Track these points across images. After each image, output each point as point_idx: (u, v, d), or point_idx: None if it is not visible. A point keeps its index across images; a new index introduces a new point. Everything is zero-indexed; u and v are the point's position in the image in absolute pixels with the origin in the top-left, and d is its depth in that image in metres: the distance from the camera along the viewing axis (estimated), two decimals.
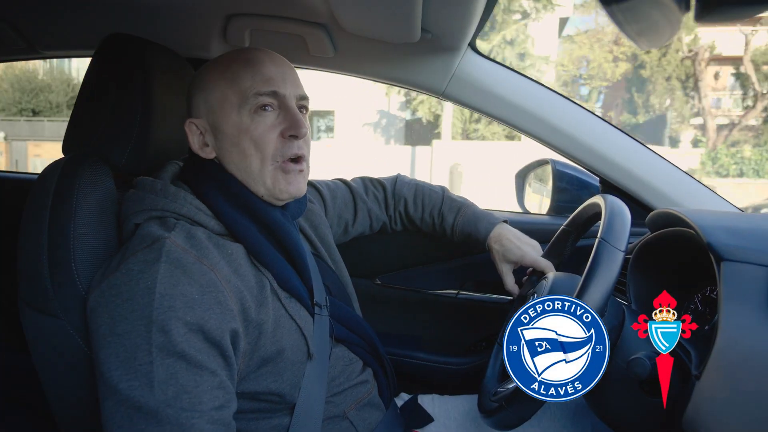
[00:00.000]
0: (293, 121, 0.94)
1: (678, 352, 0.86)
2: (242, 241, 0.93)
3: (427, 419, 1.22)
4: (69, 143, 1.03)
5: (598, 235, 0.88)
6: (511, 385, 0.90)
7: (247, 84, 0.92)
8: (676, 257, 1.08)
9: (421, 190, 1.38)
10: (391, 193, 1.39)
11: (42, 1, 1.31)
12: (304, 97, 0.99)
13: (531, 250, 1.24)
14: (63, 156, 1.02)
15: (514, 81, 1.41)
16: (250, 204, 0.94)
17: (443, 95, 1.44)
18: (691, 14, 0.38)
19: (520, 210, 1.79)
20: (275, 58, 0.97)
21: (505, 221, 1.32)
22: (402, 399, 1.29)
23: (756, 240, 0.91)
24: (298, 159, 0.96)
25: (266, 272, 0.93)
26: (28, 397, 1.66)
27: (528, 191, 1.79)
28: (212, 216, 0.92)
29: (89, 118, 1.01)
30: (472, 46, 1.35)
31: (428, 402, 1.28)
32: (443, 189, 1.39)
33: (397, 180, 1.42)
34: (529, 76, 1.44)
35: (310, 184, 1.29)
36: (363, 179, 1.41)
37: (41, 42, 1.53)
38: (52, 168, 0.97)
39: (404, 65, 1.40)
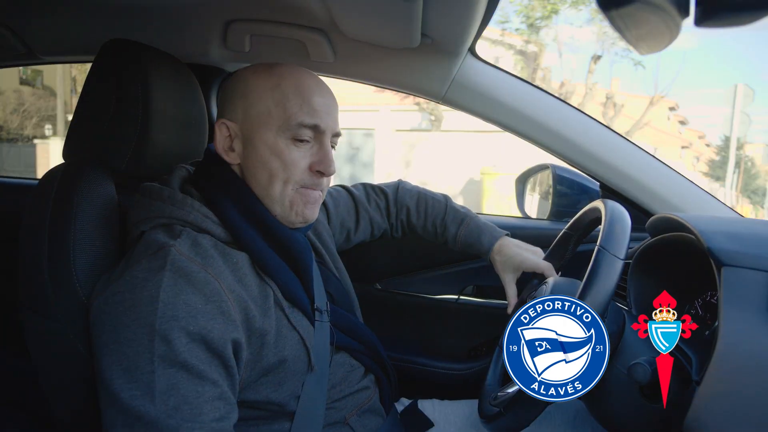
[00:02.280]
0: (324, 159, 0.95)
1: (678, 357, 0.86)
2: (248, 250, 0.92)
3: (428, 424, 1.21)
4: (69, 148, 1.03)
5: (598, 243, 0.87)
6: (511, 390, 0.89)
7: (294, 110, 0.92)
8: (677, 262, 1.07)
9: (423, 198, 1.38)
10: (393, 200, 1.39)
11: (42, 6, 1.31)
12: (338, 134, 1.00)
13: (531, 255, 1.24)
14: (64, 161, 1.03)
15: (515, 86, 1.41)
16: (262, 218, 0.94)
17: (443, 100, 1.44)
18: (690, 19, 0.38)
19: (520, 215, 1.79)
20: (323, 89, 0.97)
21: (507, 234, 1.32)
22: (402, 404, 1.29)
23: (756, 245, 0.90)
24: (316, 189, 0.97)
25: (271, 282, 0.93)
26: (28, 401, 1.65)
27: (528, 196, 1.79)
28: (219, 223, 0.92)
29: (89, 124, 1.01)
30: (472, 51, 1.35)
31: (428, 407, 1.27)
32: (446, 198, 1.39)
33: (399, 187, 1.41)
34: (529, 80, 1.44)
35: None
36: (365, 186, 1.41)
37: (41, 47, 1.53)
38: (53, 173, 0.98)
39: (404, 70, 1.40)
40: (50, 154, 12.82)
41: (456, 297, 1.60)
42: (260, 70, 0.96)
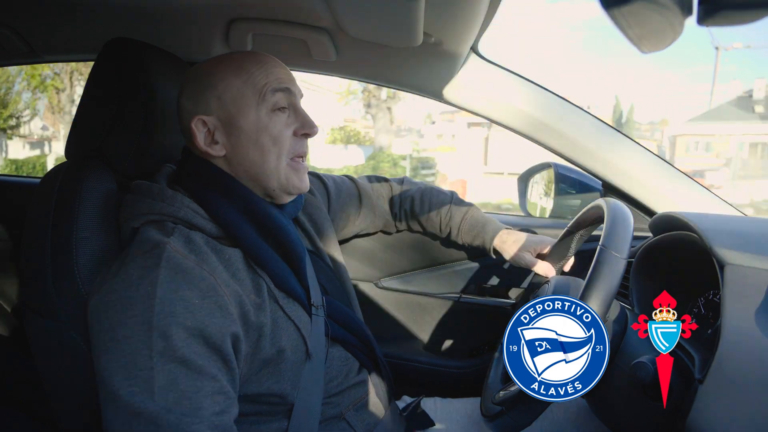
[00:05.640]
0: (306, 121, 0.99)
1: (681, 356, 0.86)
2: (240, 242, 0.93)
3: (429, 422, 1.21)
4: (71, 147, 1.03)
5: (600, 242, 0.87)
6: (513, 388, 0.89)
7: (262, 82, 0.95)
8: (679, 261, 1.07)
9: (429, 190, 1.40)
10: (397, 191, 1.41)
11: (44, 6, 1.31)
12: (301, 97, 1.04)
13: (527, 255, 1.26)
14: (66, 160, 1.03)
15: (517, 85, 1.41)
16: (251, 203, 0.95)
17: (445, 99, 1.44)
18: (694, 17, 0.38)
19: (522, 214, 1.79)
20: (280, 62, 1.01)
21: (509, 229, 1.33)
22: (404, 402, 1.29)
23: (759, 244, 0.90)
24: (303, 156, 1.01)
25: (263, 274, 0.94)
26: (31, 400, 1.66)
27: (530, 195, 1.79)
28: (209, 219, 0.92)
29: (92, 123, 1.02)
30: (475, 49, 1.35)
31: (430, 405, 1.28)
32: (452, 192, 1.41)
33: (404, 180, 1.44)
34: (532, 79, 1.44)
35: (317, 176, 1.32)
36: (369, 177, 1.44)
37: (43, 47, 1.53)
38: (55, 172, 0.98)
39: (406, 69, 1.40)
40: None
41: (458, 295, 1.60)
42: (219, 61, 0.98)
